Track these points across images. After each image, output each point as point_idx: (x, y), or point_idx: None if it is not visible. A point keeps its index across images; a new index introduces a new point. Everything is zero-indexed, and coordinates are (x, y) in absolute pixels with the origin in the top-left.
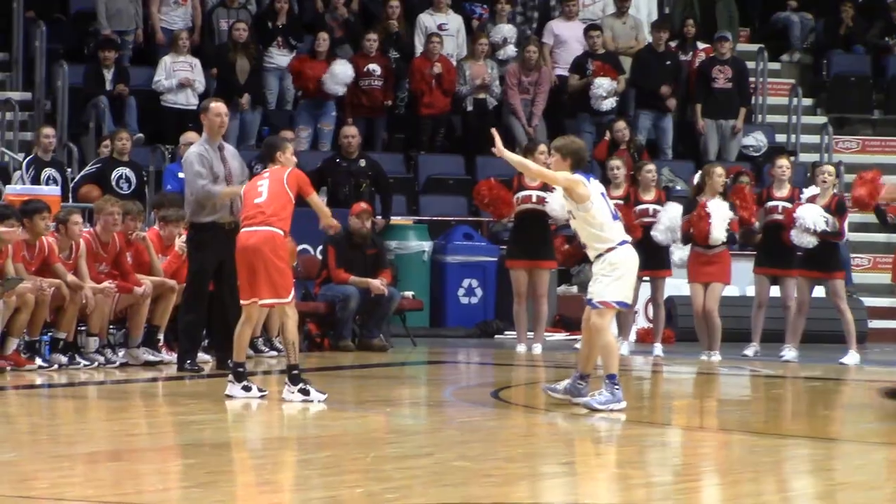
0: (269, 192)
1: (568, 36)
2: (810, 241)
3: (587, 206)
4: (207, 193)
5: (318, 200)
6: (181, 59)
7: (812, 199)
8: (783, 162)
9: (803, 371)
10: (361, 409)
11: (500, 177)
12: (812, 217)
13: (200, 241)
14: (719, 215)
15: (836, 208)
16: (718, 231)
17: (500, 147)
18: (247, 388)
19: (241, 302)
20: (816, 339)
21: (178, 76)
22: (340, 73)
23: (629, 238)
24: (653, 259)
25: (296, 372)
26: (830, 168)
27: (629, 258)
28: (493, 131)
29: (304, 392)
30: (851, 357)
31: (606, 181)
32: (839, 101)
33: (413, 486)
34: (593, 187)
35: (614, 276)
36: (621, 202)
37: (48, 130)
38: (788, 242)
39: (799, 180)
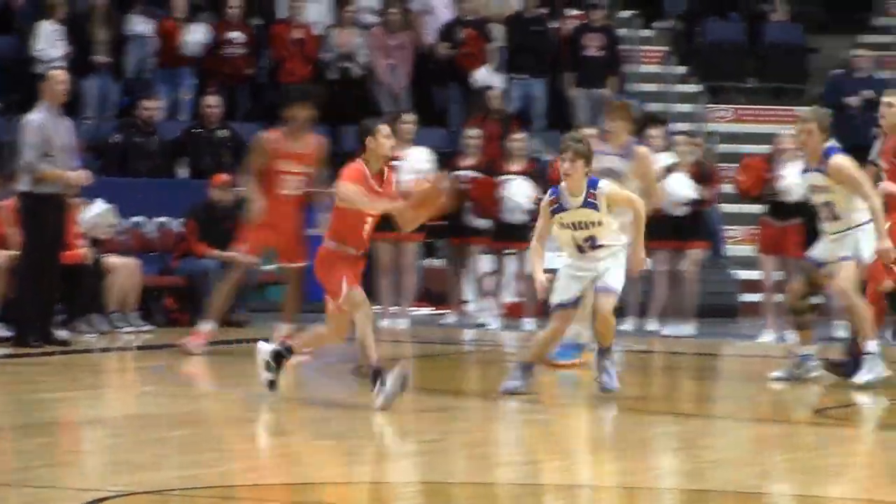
0: None
1: (435, 3)
2: (681, 211)
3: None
4: (30, 169)
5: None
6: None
7: (672, 168)
8: (656, 132)
9: (676, 346)
10: (220, 386)
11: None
12: (677, 188)
13: (37, 212)
14: None
15: (700, 176)
16: None
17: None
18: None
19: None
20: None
21: None
22: (196, 36)
23: None
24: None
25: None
26: (683, 137)
27: None
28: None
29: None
30: (686, 328)
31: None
32: (713, 69)
33: (271, 466)
34: None
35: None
36: (477, 174)
37: None
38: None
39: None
